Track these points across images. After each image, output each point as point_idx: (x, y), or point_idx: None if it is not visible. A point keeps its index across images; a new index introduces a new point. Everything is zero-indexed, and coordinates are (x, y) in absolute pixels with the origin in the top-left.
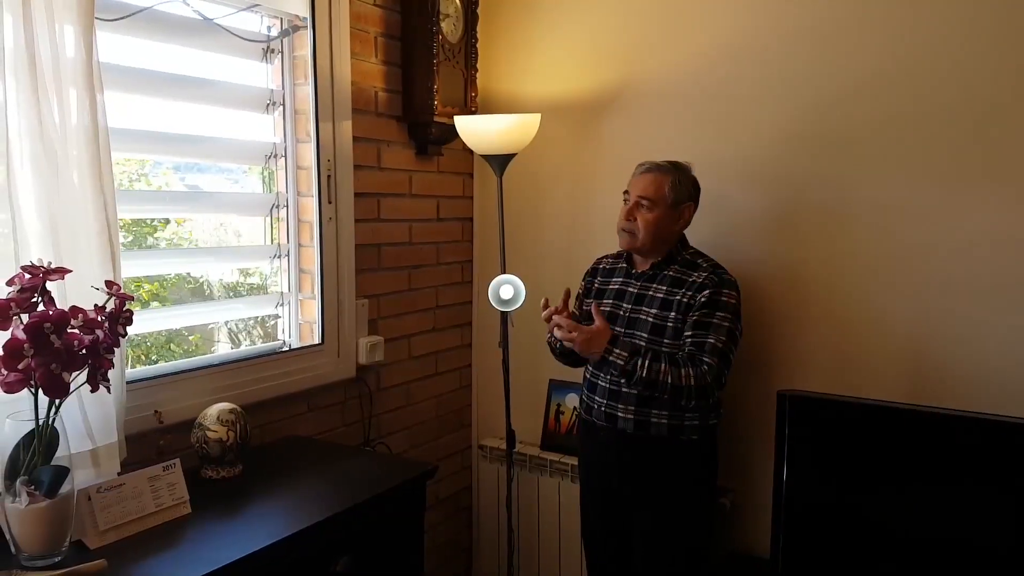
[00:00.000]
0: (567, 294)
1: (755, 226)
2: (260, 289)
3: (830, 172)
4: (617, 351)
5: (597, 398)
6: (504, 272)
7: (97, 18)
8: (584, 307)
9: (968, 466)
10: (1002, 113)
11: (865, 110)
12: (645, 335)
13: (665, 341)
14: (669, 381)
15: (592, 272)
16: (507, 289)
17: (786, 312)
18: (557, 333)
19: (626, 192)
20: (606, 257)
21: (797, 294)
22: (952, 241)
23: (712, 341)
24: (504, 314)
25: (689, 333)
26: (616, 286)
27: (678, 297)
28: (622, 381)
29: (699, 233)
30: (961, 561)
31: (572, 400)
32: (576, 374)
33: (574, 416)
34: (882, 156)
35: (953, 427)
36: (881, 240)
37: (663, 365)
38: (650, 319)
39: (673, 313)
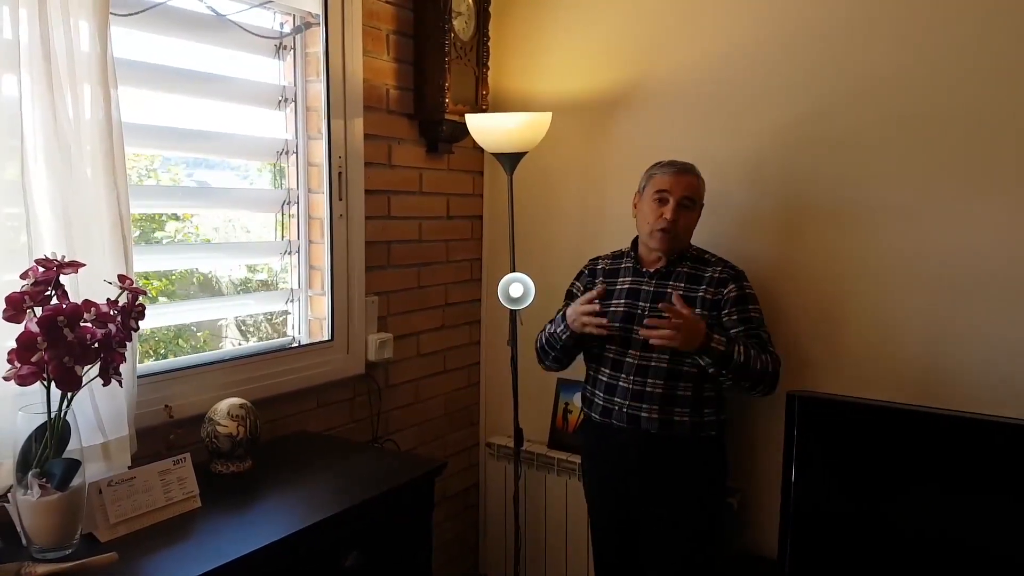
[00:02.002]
0: (603, 288)
1: (762, 227)
2: (268, 285)
3: (837, 173)
4: (716, 336)
5: (618, 400)
6: (514, 270)
7: (112, 13)
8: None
9: (977, 469)
10: (1011, 115)
11: (873, 112)
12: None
13: None
14: (758, 368)
15: (591, 273)
16: (517, 287)
17: (794, 313)
18: (658, 336)
19: (664, 191)
20: (602, 258)
21: (805, 295)
22: (961, 243)
23: (763, 334)
24: (513, 312)
25: (742, 328)
26: (626, 285)
27: (700, 293)
28: (711, 370)
29: (705, 233)
30: (970, 565)
31: (580, 399)
32: (581, 371)
33: (582, 415)
34: (890, 158)
35: (963, 429)
36: (890, 242)
37: (752, 351)
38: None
39: (698, 309)
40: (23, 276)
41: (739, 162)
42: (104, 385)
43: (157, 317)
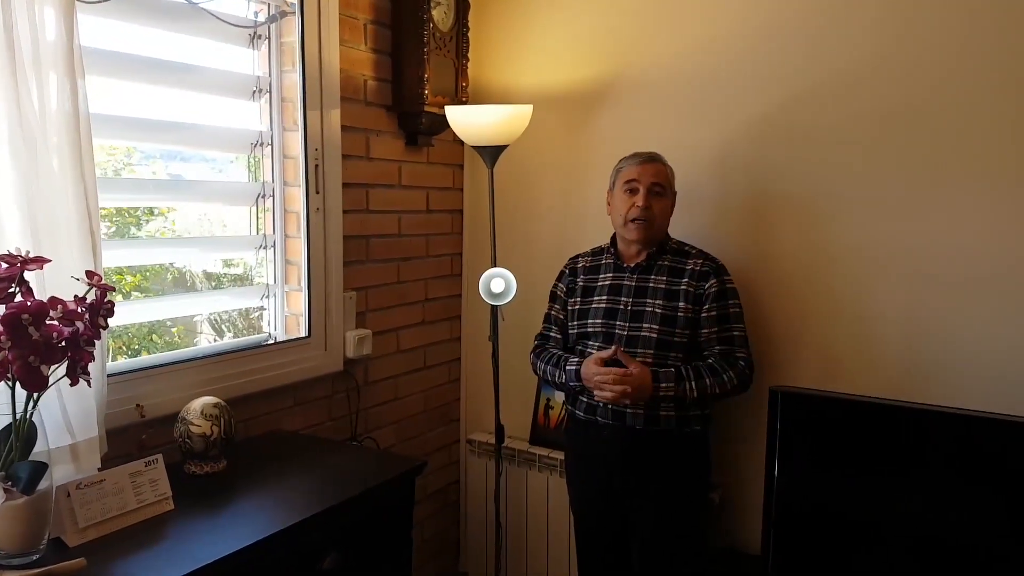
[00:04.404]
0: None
1: (739, 220)
2: (243, 280)
3: (816, 167)
4: (663, 385)
5: None
6: (495, 265)
7: (78, 0)
8: (569, 307)
9: (957, 462)
10: (989, 109)
11: (853, 104)
12: (656, 326)
13: (677, 330)
14: (717, 392)
15: (572, 272)
16: (498, 282)
17: (771, 307)
18: (605, 395)
19: (632, 181)
20: (581, 255)
21: (782, 289)
22: (939, 236)
23: (737, 333)
24: (494, 307)
25: (715, 329)
26: (607, 281)
27: (683, 287)
28: (671, 405)
29: (684, 226)
30: (950, 557)
31: (562, 395)
32: None
33: (563, 411)
34: (868, 151)
35: (944, 424)
36: (868, 236)
37: (707, 380)
38: (658, 310)
39: (682, 303)
40: None
41: (718, 155)
42: (72, 385)
43: (131, 313)
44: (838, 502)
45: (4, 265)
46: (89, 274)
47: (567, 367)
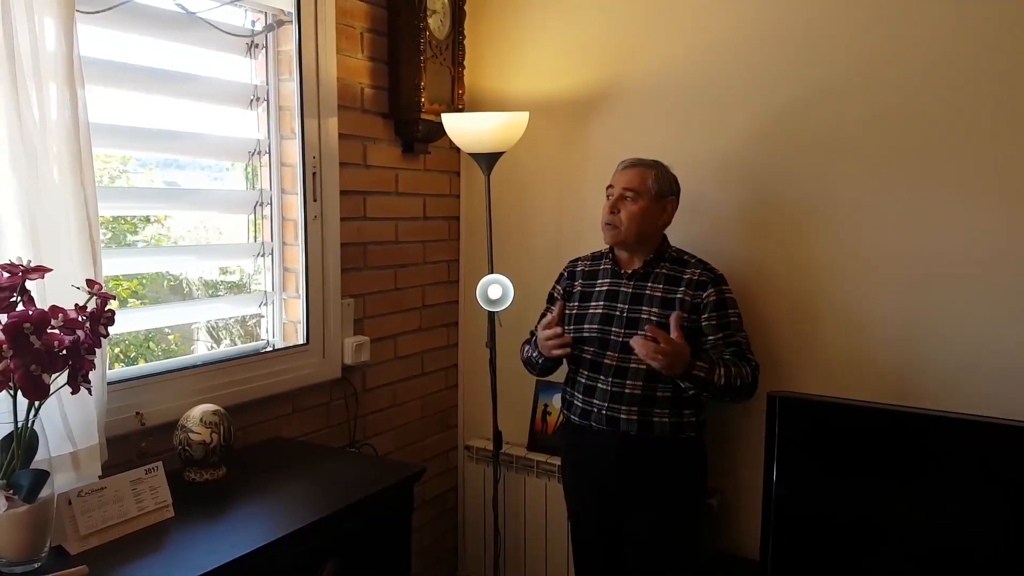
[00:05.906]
0: (561, 307)
1: (737, 226)
2: (240, 287)
3: (812, 172)
4: (699, 364)
5: (596, 401)
6: (492, 271)
7: (78, 11)
8: (567, 311)
9: (956, 467)
10: (985, 112)
11: (847, 110)
12: None
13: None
14: (738, 384)
15: (570, 275)
16: (495, 289)
17: (769, 312)
18: (644, 351)
19: (610, 187)
20: (581, 259)
21: (779, 294)
22: (935, 241)
23: (741, 339)
24: (491, 314)
25: (720, 335)
26: (604, 287)
27: (679, 296)
28: (691, 392)
29: (680, 233)
30: (950, 563)
31: (560, 400)
32: (561, 374)
33: (561, 416)
34: (863, 156)
35: (941, 428)
36: (864, 240)
37: (733, 368)
38: (653, 318)
39: (677, 311)
40: None
41: (714, 161)
42: (73, 393)
43: (129, 321)
44: (837, 507)
45: (6, 275)
46: (90, 283)
47: (534, 339)
